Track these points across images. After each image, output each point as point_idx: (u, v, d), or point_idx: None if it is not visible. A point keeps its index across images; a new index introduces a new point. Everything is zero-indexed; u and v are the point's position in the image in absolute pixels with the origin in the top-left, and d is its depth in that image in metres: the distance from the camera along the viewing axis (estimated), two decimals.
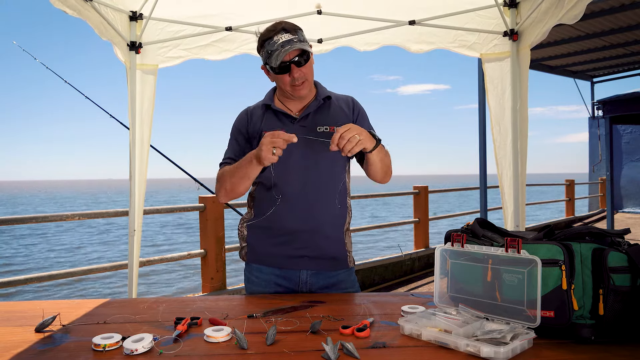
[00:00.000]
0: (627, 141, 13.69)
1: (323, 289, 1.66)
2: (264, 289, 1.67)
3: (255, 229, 1.70)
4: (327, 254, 1.66)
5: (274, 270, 1.67)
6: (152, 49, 2.81)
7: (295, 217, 1.62)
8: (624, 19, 7.38)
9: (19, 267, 11.67)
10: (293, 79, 1.57)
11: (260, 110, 1.72)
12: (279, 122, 1.67)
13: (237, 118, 1.76)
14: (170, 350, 1.06)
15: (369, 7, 2.74)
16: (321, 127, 1.64)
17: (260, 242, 1.69)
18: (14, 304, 1.50)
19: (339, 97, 1.74)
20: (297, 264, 1.64)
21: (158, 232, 18.69)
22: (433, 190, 7.32)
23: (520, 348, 1.03)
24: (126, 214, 3.01)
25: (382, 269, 5.83)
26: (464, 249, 1.22)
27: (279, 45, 1.53)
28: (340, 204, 1.69)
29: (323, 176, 1.65)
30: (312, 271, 1.65)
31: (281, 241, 1.64)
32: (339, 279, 1.69)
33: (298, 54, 1.56)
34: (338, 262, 1.68)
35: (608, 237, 1.13)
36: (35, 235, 18.09)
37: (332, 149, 1.42)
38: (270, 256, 1.67)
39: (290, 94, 1.63)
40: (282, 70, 1.57)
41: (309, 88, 1.63)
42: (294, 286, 1.66)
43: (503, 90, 2.70)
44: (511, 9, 2.59)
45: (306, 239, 1.62)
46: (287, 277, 1.66)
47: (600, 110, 8.24)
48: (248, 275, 1.73)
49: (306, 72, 1.59)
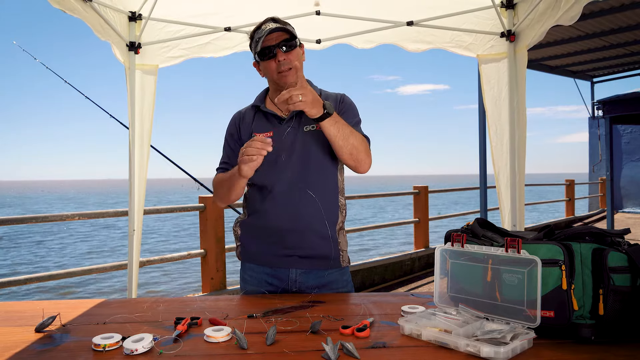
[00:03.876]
0: (627, 141, 13.69)
1: (313, 289, 1.64)
2: (256, 288, 1.67)
3: (247, 228, 1.72)
4: (317, 253, 1.65)
5: (265, 269, 1.67)
6: (152, 49, 2.81)
7: (284, 215, 1.62)
8: (624, 19, 7.38)
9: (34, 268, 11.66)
10: (279, 64, 1.59)
11: (251, 111, 1.74)
12: (268, 123, 1.69)
13: (230, 122, 1.79)
14: (170, 350, 1.06)
15: (367, 8, 2.74)
16: (308, 126, 1.65)
17: (252, 241, 1.70)
18: (14, 304, 1.50)
19: (329, 96, 1.74)
20: (287, 262, 1.64)
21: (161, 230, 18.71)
22: (433, 190, 7.32)
23: (520, 348, 1.02)
24: (126, 214, 3.01)
25: (382, 269, 5.83)
26: (464, 249, 1.22)
27: (266, 32, 1.58)
28: (331, 203, 1.68)
29: (312, 174, 1.64)
30: (301, 270, 1.64)
31: (271, 240, 1.65)
32: (331, 279, 1.67)
33: (284, 40, 1.59)
34: (330, 261, 1.67)
35: (608, 237, 1.13)
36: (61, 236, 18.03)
37: (276, 101, 1.45)
38: (261, 255, 1.68)
39: (277, 82, 1.64)
40: (266, 55, 1.60)
41: (295, 76, 1.63)
42: (285, 285, 1.65)
43: (500, 91, 2.70)
44: (508, 10, 2.59)
45: (295, 238, 1.62)
46: (277, 276, 1.66)
47: (600, 110, 8.24)
48: (242, 274, 1.75)
49: (292, 59, 1.61)
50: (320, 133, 1.60)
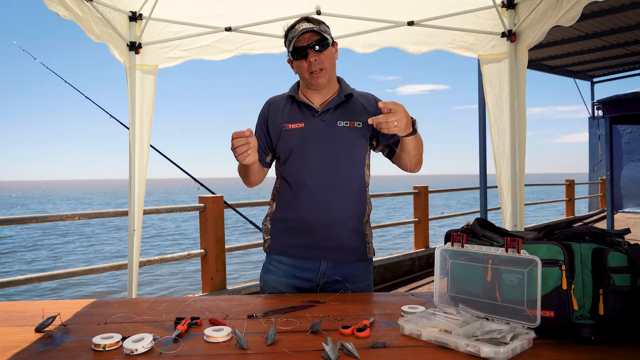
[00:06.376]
0: (627, 141, 13.68)
1: (339, 283, 1.66)
2: (280, 279, 1.69)
3: (277, 222, 1.74)
4: (347, 245, 1.68)
5: (295, 262, 1.69)
6: (152, 50, 2.81)
7: (315, 208, 1.65)
8: (624, 19, 7.38)
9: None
10: (310, 64, 1.63)
11: (284, 100, 1.76)
12: (300, 113, 1.71)
13: (262, 109, 1.82)
14: (170, 350, 1.06)
15: (367, 8, 2.74)
16: (341, 122, 1.68)
17: (282, 234, 1.72)
18: (14, 304, 1.50)
19: (360, 94, 1.78)
20: (317, 255, 1.66)
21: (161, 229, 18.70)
22: (433, 190, 7.32)
23: (520, 348, 1.03)
24: (126, 214, 3.01)
25: (382, 269, 5.83)
26: (464, 249, 1.22)
27: (299, 32, 1.61)
28: (360, 196, 1.71)
29: (343, 168, 1.67)
30: (332, 262, 1.67)
31: (302, 232, 1.67)
32: (356, 272, 1.70)
33: (316, 41, 1.62)
34: (357, 253, 1.70)
35: (608, 237, 1.13)
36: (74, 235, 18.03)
37: (370, 122, 1.44)
38: (291, 247, 1.69)
39: (309, 82, 1.68)
40: (298, 54, 1.63)
41: (327, 77, 1.67)
42: (313, 277, 1.67)
43: (501, 91, 2.70)
44: (509, 10, 2.59)
45: (326, 231, 1.65)
46: (306, 268, 1.67)
47: (600, 110, 8.23)
48: (267, 266, 1.76)
49: (324, 59, 1.64)
50: (353, 129, 1.66)
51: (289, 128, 1.70)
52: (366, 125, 1.67)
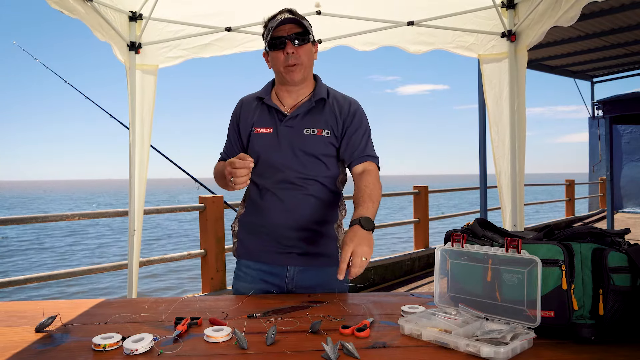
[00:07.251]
0: (627, 141, 13.68)
1: (308, 289, 1.63)
2: (250, 285, 1.65)
3: (245, 225, 1.71)
4: (315, 251, 1.64)
5: (262, 266, 1.66)
6: (152, 49, 2.81)
7: (281, 213, 1.61)
8: (624, 19, 7.38)
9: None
10: (287, 56, 1.57)
11: (255, 102, 1.71)
12: (269, 117, 1.66)
13: (234, 109, 1.77)
14: (170, 350, 1.06)
15: (367, 8, 2.74)
16: (308, 129, 1.62)
17: (250, 238, 1.69)
18: (14, 304, 1.50)
19: (338, 98, 1.69)
20: (283, 260, 1.63)
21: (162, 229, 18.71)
22: (433, 190, 7.32)
23: (520, 348, 1.03)
24: (126, 214, 3.01)
25: (382, 269, 5.83)
26: (464, 249, 1.22)
27: (279, 22, 1.55)
28: (329, 201, 1.67)
29: (309, 176, 1.62)
30: (299, 268, 1.63)
31: (269, 237, 1.64)
32: (327, 277, 1.64)
33: (296, 33, 1.56)
34: (328, 258, 1.65)
35: (608, 237, 1.13)
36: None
37: (340, 278, 1.31)
38: (259, 252, 1.66)
39: (283, 77, 1.61)
40: (276, 44, 1.57)
41: (302, 74, 1.61)
42: (280, 282, 1.64)
43: (501, 91, 2.71)
44: (509, 10, 2.60)
45: (292, 236, 1.61)
46: (274, 273, 1.64)
47: (600, 110, 8.23)
48: (237, 272, 1.73)
49: (302, 54, 1.58)
50: (320, 137, 1.61)
51: (257, 132, 1.65)
52: (334, 133, 1.63)
